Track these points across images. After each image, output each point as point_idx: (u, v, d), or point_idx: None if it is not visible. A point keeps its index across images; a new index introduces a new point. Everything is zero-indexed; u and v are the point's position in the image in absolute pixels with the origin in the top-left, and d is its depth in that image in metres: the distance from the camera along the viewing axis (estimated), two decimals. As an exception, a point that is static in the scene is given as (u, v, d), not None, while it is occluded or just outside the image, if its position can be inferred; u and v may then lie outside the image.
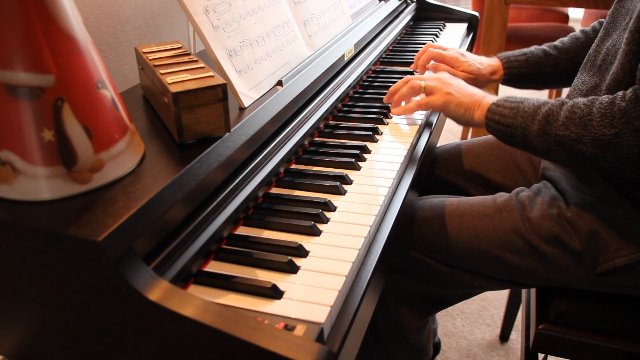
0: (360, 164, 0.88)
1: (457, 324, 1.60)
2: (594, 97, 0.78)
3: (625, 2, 0.89)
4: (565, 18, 2.84)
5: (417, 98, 1.00)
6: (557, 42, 1.14)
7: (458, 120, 0.94)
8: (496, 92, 2.25)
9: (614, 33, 0.89)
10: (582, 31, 1.13)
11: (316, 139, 0.97)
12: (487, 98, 0.90)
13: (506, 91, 3.26)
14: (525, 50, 1.15)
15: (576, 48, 1.10)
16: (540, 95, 3.21)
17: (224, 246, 0.69)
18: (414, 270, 0.98)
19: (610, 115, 0.73)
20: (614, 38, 0.88)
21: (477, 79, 1.13)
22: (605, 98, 0.76)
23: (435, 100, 0.94)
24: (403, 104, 1.02)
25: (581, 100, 0.79)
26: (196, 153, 0.66)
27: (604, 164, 0.75)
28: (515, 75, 1.14)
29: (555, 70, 1.12)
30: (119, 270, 0.52)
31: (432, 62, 1.19)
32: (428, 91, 0.96)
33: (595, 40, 0.94)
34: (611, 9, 0.93)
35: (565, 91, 2.89)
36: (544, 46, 1.14)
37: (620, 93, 0.75)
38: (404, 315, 1.02)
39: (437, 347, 1.46)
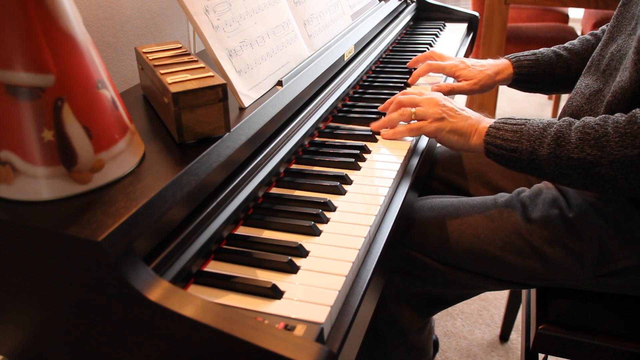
0: (360, 164, 0.88)
1: (457, 324, 1.60)
2: (605, 115, 0.75)
3: (630, 6, 0.89)
4: (565, 18, 2.85)
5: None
6: (567, 44, 1.13)
7: (453, 146, 0.89)
8: (495, 95, 2.25)
9: (619, 37, 0.88)
10: (592, 34, 1.12)
11: (316, 139, 0.96)
12: (483, 122, 0.86)
13: (508, 94, 3.26)
14: (535, 51, 1.13)
15: (587, 50, 1.09)
16: (541, 100, 3.21)
17: (224, 246, 0.69)
18: (415, 271, 0.98)
19: (631, 134, 0.70)
20: (619, 43, 0.87)
21: (480, 82, 1.11)
22: (620, 117, 0.73)
23: (427, 126, 0.90)
24: None
25: (591, 119, 0.76)
26: (196, 153, 0.66)
27: (623, 185, 0.72)
28: (525, 76, 1.12)
29: (566, 72, 1.10)
30: (119, 270, 0.52)
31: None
32: (419, 117, 0.92)
33: (599, 44, 0.94)
34: (615, 12, 0.92)
35: (565, 97, 2.89)
36: (554, 48, 1.13)
37: (637, 110, 0.72)
38: (405, 315, 1.02)
39: (435, 345, 1.46)
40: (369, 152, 0.92)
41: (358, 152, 0.89)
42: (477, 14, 1.66)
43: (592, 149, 0.73)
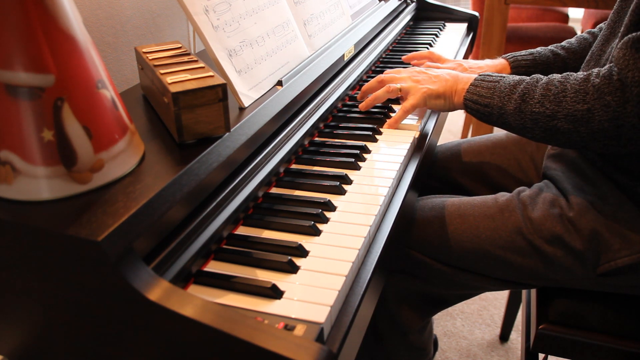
0: (360, 164, 0.88)
1: (457, 324, 1.60)
2: (568, 72, 0.81)
3: (630, 2, 0.88)
4: (565, 18, 2.84)
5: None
6: (564, 43, 1.13)
7: (441, 109, 0.97)
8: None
9: (620, 33, 0.88)
10: (590, 32, 1.11)
11: (316, 138, 0.96)
12: (461, 82, 0.92)
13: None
14: (532, 50, 1.13)
15: (584, 49, 1.09)
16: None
17: (224, 246, 0.69)
18: (415, 271, 0.98)
19: (583, 91, 0.76)
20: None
21: None
22: (580, 74, 0.78)
23: (417, 100, 0.96)
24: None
25: (556, 77, 0.81)
26: (196, 153, 0.66)
27: (576, 138, 0.78)
28: (523, 75, 1.12)
29: (564, 71, 1.10)
30: (119, 270, 0.52)
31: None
32: (404, 92, 0.98)
33: (599, 38, 0.93)
34: (616, 7, 0.92)
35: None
36: (552, 47, 1.13)
37: (595, 70, 0.77)
38: (405, 315, 1.02)
39: (435, 345, 1.46)
40: (369, 152, 0.92)
41: (358, 152, 0.89)
42: (477, 14, 1.66)
43: (550, 104, 0.79)
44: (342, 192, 0.80)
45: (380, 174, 0.85)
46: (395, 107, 1.07)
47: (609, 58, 0.88)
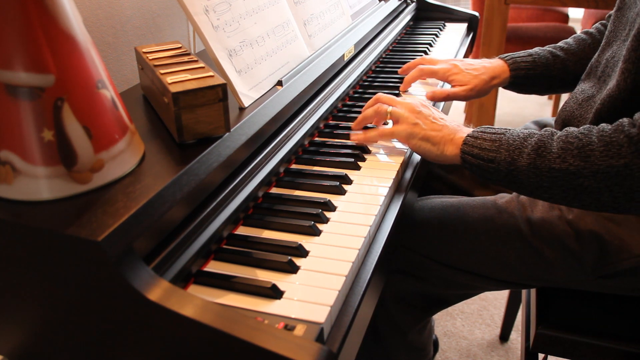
0: (360, 164, 0.88)
1: (457, 324, 1.60)
2: (589, 125, 0.72)
3: (624, 11, 0.88)
4: (565, 18, 2.85)
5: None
6: (561, 44, 1.10)
7: (426, 155, 0.85)
8: (495, 95, 2.25)
9: (614, 43, 0.87)
10: (586, 32, 1.09)
11: (316, 138, 0.96)
12: (461, 131, 0.81)
13: (508, 95, 3.26)
14: (530, 51, 1.10)
15: (584, 50, 1.07)
16: (541, 100, 3.21)
17: (224, 246, 0.69)
18: (414, 271, 0.98)
19: (617, 143, 0.66)
20: (614, 49, 0.87)
21: (476, 88, 1.07)
22: (606, 126, 0.69)
23: (400, 131, 0.85)
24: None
25: (575, 129, 0.72)
26: (196, 153, 0.66)
27: (607, 198, 0.68)
28: (522, 78, 1.08)
29: (564, 73, 1.07)
30: (119, 270, 0.52)
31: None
32: (394, 118, 0.87)
33: (598, 50, 0.93)
34: (612, 17, 0.91)
35: (565, 97, 2.88)
36: (549, 47, 1.10)
37: (625, 120, 0.68)
38: (404, 315, 1.02)
39: (435, 345, 1.46)
40: (369, 152, 0.92)
41: (358, 152, 0.89)
42: (477, 14, 1.66)
43: (574, 159, 0.68)
44: (342, 192, 0.80)
45: (380, 174, 0.85)
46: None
47: (604, 69, 0.87)
